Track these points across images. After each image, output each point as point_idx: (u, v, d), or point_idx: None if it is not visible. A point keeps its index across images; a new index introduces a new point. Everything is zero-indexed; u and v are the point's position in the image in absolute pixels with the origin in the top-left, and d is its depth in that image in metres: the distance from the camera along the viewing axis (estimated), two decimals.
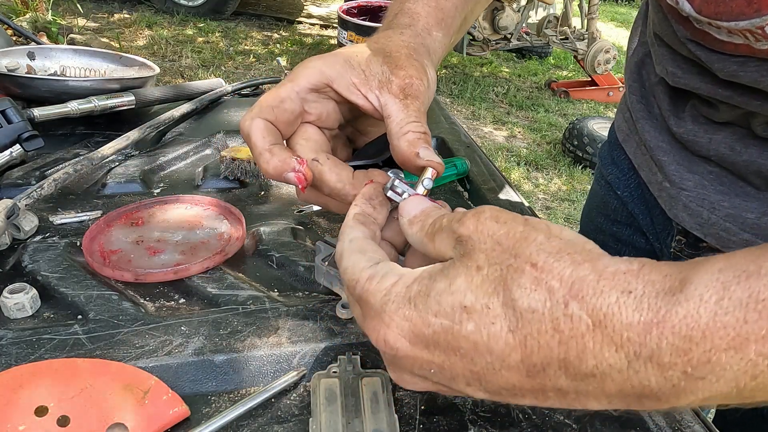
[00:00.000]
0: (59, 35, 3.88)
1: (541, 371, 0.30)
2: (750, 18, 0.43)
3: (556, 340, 0.29)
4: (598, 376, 0.28)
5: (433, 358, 0.32)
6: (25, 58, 0.99)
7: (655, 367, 0.27)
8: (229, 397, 0.45)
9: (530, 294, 0.29)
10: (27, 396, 0.42)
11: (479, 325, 0.30)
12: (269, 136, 0.45)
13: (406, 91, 0.46)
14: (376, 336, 0.34)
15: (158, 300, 0.54)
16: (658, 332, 0.26)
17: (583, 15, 4.21)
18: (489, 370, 0.31)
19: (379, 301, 0.34)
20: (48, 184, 0.66)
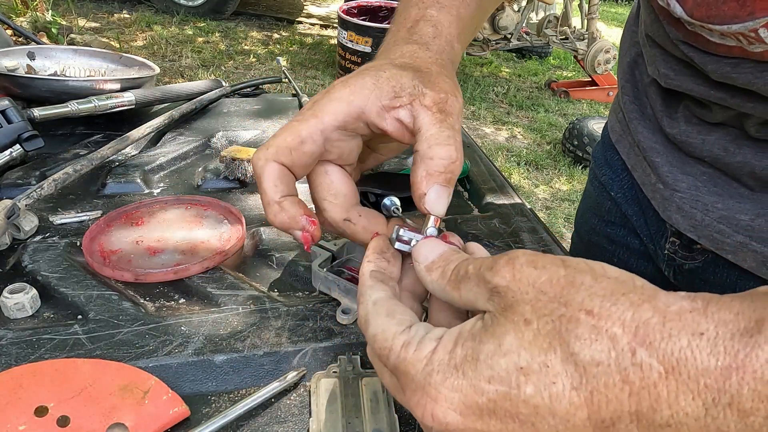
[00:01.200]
0: (59, 35, 3.89)
1: (610, 426, 0.27)
2: (743, 21, 0.42)
3: (626, 393, 0.26)
4: (674, 426, 0.26)
5: (489, 428, 0.30)
6: (25, 58, 0.99)
7: (735, 414, 0.25)
8: (229, 397, 0.45)
9: (591, 345, 0.27)
10: (27, 396, 0.42)
11: (539, 386, 0.28)
12: (281, 185, 0.41)
13: (440, 105, 0.41)
14: (422, 412, 0.31)
15: (158, 300, 0.54)
16: (738, 378, 0.25)
17: (583, 15, 4.21)
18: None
19: (421, 373, 0.31)
20: (48, 184, 0.66)
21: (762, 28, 0.42)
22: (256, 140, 0.88)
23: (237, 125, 0.93)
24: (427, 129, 0.40)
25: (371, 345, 0.35)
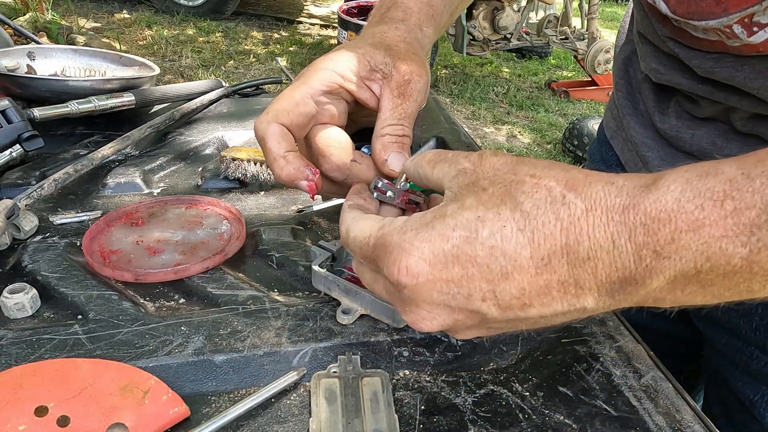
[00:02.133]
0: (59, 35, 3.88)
1: (547, 263, 0.33)
2: (719, 17, 0.46)
3: (558, 228, 0.33)
4: (592, 260, 0.32)
5: (452, 275, 0.35)
6: (25, 58, 0.99)
7: (632, 246, 0.31)
8: (229, 397, 0.45)
9: (533, 195, 0.34)
10: (27, 396, 0.42)
11: (492, 230, 0.34)
12: (284, 141, 0.47)
13: (401, 88, 0.48)
14: (396, 269, 0.36)
15: (158, 300, 0.54)
16: (634, 213, 0.31)
17: (583, 15, 4.21)
18: (502, 275, 0.33)
19: (397, 235, 0.36)
20: (48, 184, 0.66)
21: (735, 24, 0.45)
22: (256, 140, 0.88)
23: (237, 125, 0.93)
24: (383, 112, 0.48)
25: (354, 247, 0.40)
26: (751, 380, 0.61)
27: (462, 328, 0.38)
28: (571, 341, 0.52)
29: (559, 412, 0.45)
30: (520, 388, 0.47)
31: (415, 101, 0.49)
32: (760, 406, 0.60)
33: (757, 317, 0.59)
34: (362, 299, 0.52)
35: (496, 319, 0.36)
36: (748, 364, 0.61)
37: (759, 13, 0.44)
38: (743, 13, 0.44)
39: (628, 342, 0.53)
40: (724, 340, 0.64)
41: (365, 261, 0.40)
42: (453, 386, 0.47)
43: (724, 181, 0.30)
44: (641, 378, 0.49)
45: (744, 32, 0.45)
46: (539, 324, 0.37)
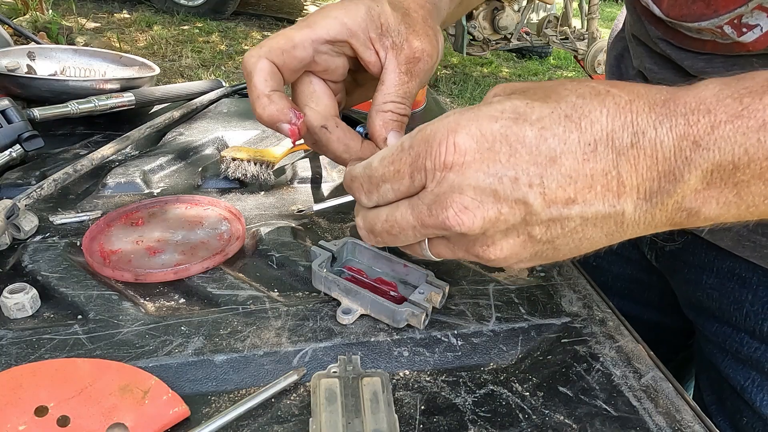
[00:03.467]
0: (59, 35, 3.88)
1: (594, 150, 0.33)
2: (710, 18, 0.47)
3: (604, 114, 0.33)
4: (635, 148, 0.33)
5: (500, 155, 0.34)
6: (25, 58, 0.99)
7: (673, 135, 0.32)
8: (229, 397, 0.45)
9: (577, 90, 0.34)
10: (27, 396, 0.42)
11: (541, 114, 0.34)
12: (271, 80, 0.44)
13: (410, 65, 0.46)
14: (444, 149, 0.34)
15: (158, 300, 0.54)
16: (674, 105, 0.33)
17: (583, 15, 4.21)
18: (550, 158, 0.33)
19: (437, 122, 0.35)
20: (48, 184, 0.66)
21: (726, 25, 0.47)
22: (256, 140, 0.88)
23: (237, 125, 0.93)
24: (387, 86, 0.45)
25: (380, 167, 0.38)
26: (742, 366, 0.62)
27: (502, 228, 0.35)
28: (571, 341, 0.52)
29: (559, 412, 0.45)
30: (520, 388, 0.47)
31: (420, 82, 0.47)
32: (751, 390, 0.61)
33: (747, 304, 0.59)
34: (362, 299, 0.52)
35: (540, 217, 0.34)
36: (739, 350, 0.62)
37: (747, 15, 0.45)
38: (732, 14, 0.46)
39: (628, 342, 0.53)
40: (714, 328, 0.64)
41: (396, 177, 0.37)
42: (453, 386, 0.47)
43: (761, 81, 0.32)
44: (641, 378, 0.49)
45: (734, 32, 0.47)
46: (577, 238, 0.36)
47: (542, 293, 0.58)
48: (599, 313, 0.56)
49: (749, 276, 0.59)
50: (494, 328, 0.53)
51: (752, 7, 0.45)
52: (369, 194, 0.39)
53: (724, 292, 0.61)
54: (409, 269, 0.55)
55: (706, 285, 0.63)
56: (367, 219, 0.40)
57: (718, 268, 0.62)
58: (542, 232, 0.35)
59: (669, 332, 0.77)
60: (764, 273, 0.58)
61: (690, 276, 0.65)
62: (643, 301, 0.78)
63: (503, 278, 0.60)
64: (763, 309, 0.58)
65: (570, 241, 0.36)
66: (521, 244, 0.36)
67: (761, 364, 0.60)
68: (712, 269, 0.62)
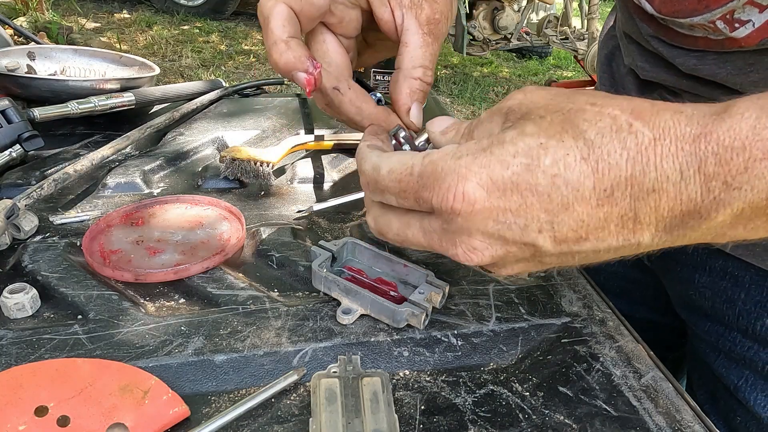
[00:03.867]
0: (59, 35, 3.88)
1: (610, 195, 0.32)
2: (702, 14, 0.47)
3: (624, 158, 0.31)
4: (657, 192, 0.31)
5: (510, 204, 0.33)
6: (25, 58, 0.99)
7: (702, 178, 0.30)
8: (229, 397, 0.45)
9: (596, 124, 0.32)
10: (27, 396, 0.42)
11: (555, 158, 0.32)
12: (289, 26, 0.42)
13: (431, 26, 0.44)
14: (452, 196, 0.34)
15: (158, 300, 0.54)
16: (705, 143, 0.30)
17: (583, 15, 4.21)
18: (563, 205, 0.32)
19: (451, 160, 0.34)
20: (48, 184, 0.66)
21: (718, 20, 0.46)
22: (256, 140, 0.88)
23: (237, 125, 0.93)
24: (414, 49, 0.44)
25: (388, 182, 0.37)
26: (734, 365, 0.62)
27: (511, 262, 0.36)
28: (571, 341, 0.52)
29: (559, 412, 0.45)
30: (520, 388, 0.47)
31: (440, 45, 0.45)
32: (744, 389, 0.61)
33: (740, 303, 0.60)
34: (362, 299, 0.52)
35: (549, 253, 0.34)
36: (731, 350, 0.62)
37: (739, 10, 0.45)
38: (724, 9, 0.46)
39: (628, 342, 0.53)
40: (706, 327, 0.64)
41: (402, 195, 0.37)
42: (453, 386, 0.47)
43: None
44: (641, 378, 0.49)
45: (726, 27, 0.47)
46: (589, 259, 0.36)
47: (542, 293, 0.58)
48: (599, 313, 0.56)
49: (742, 275, 0.59)
50: (494, 328, 0.53)
51: (743, 2, 0.45)
52: (374, 193, 0.39)
53: (716, 291, 0.62)
54: (409, 269, 0.55)
55: (698, 284, 0.63)
56: (379, 224, 0.40)
57: (710, 267, 0.62)
58: (553, 260, 0.36)
59: (662, 331, 0.77)
60: (757, 272, 0.58)
61: (683, 275, 0.66)
62: (637, 300, 0.78)
63: (503, 278, 0.60)
64: (755, 308, 0.58)
65: (582, 262, 0.36)
66: (533, 266, 0.37)
67: (754, 363, 0.60)
68: (704, 268, 0.63)
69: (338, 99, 0.44)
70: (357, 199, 0.69)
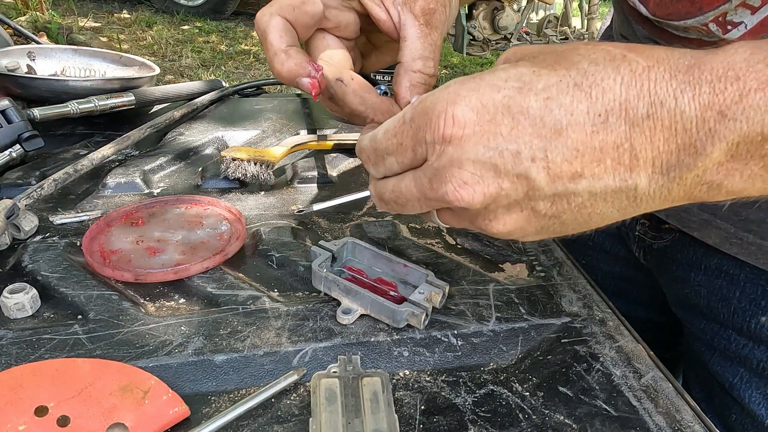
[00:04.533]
0: (59, 35, 3.88)
1: (604, 121, 0.31)
2: (695, 16, 0.47)
3: (618, 83, 0.31)
4: (651, 119, 0.30)
5: (501, 127, 0.32)
6: (25, 58, 0.99)
7: (696, 106, 0.30)
8: (229, 397, 0.45)
9: (590, 55, 0.32)
10: (27, 396, 0.42)
11: (548, 83, 0.32)
12: (287, 36, 0.43)
13: (427, 17, 0.44)
14: (442, 121, 0.33)
15: (158, 300, 0.54)
16: (699, 72, 0.30)
17: (583, 15, 4.21)
18: (556, 131, 0.31)
19: (439, 92, 0.33)
20: (48, 184, 0.66)
21: (711, 22, 0.47)
22: (256, 140, 0.88)
23: (237, 125, 0.93)
24: (412, 41, 0.44)
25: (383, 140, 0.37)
26: (730, 363, 0.62)
27: (503, 207, 0.34)
28: (571, 341, 0.52)
29: (559, 412, 0.45)
30: (520, 388, 0.47)
31: (441, 34, 0.45)
32: (740, 387, 0.61)
33: (735, 301, 0.60)
34: (362, 299, 0.52)
35: (544, 192, 0.33)
36: (726, 348, 0.62)
37: (731, 13, 0.45)
38: (717, 12, 0.46)
39: (628, 342, 0.53)
40: (701, 325, 0.65)
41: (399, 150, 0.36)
42: (453, 386, 0.47)
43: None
44: (641, 378, 0.49)
45: (719, 30, 0.47)
46: (586, 212, 0.34)
47: (542, 293, 0.58)
48: (599, 313, 0.56)
49: (737, 273, 0.59)
50: (494, 328, 0.53)
51: (736, 4, 0.45)
52: (376, 166, 0.39)
53: (712, 290, 0.62)
54: (409, 269, 0.55)
55: (694, 282, 0.64)
56: (377, 188, 0.40)
57: (706, 265, 0.62)
58: (547, 207, 0.34)
59: (658, 330, 0.77)
60: (752, 270, 0.58)
61: (678, 273, 0.66)
62: (632, 299, 0.78)
63: (503, 278, 0.60)
64: (750, 306, 0.59)
65: (578, 216, 0.34)
66: (525, 218, 0.35)
67: (749, 361, 0.60)
68: (700, 266, 0.63)
69: (341, 90, 0.44)
70: (357, 199, 0.69)
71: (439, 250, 0.63)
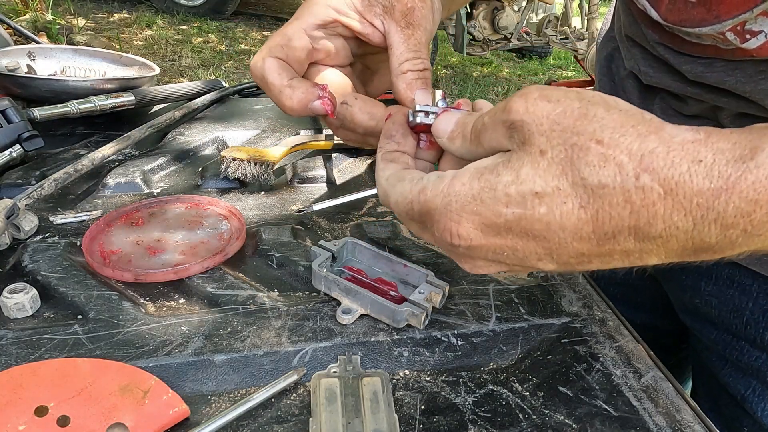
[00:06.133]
0: (59, 35, 3.88)
1: (611, 238, 0.31)
2: (711, 24, 0.45)
3: (627, 211, 0.30)
4: (665, 238, 0.30)
5: (506, 242, 0.33)
6: (25, 58, 0.99)
7: (719, 228, 0.29)
8: (229, 397, 0.45)
9: (599, 171, 0.30)
10: (27, 396, 0.42)
11: (551, 206, 0.31)
12: (285, 72, 0.44)
13: (407, 18, 0.45)
14: (448, 234, 0.34)
15: (158, 300, 0.54)
16: (726, 197, 0.28)
17: (583, 15, 4.21)
18: (561, 245, 0.32)
19: (441, 203, 0.34)
20: (48, 184, 0.66)
21: (728, 31, 0.45)
22: (256, 140, 0.88)
23: (237, 125, 0.93)
24: (396, 47, 0.45)
25: (397, 212, 0.39)
26: (741, 374, 0.61)
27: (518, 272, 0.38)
28: (571, 341, 0.52)
29: (559, 412, 0.45)
30: (520, 388, 0.47)
31: (425, 30, 0.45)
32: (752, 400, 0.60)
33: (747, 312, 0.59)
34: (362, 299, 0.52)
35: (553, 271, 0.36)
36: (738, 359, 0.61)
37: (751, 21, 0.44)
38: (735, 21, 0.44)
39: (628, 342, 0.52)
40: (713, 335, 0.64)
41: (405, 219, 0.39)
42: (453, 386, 0.47)
43: None
44: (641, 378, 0.49)
45: (737, 39, 0.45)
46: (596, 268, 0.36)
47: (542, 293, 0.58)
48: (599, 313, 0.56)
49: (749, 283, 0.58)
50: (494, 328, 0.53)
51: (757, 13, 0.43)
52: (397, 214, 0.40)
53: (723, 300, 0.61)
54: (409, 269, 0.55)
55: (704, 292, 0.63)
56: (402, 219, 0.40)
57: (717, 274, 0.61)
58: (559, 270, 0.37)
59: (661, 335, 0.76)
60: (765, 281, 0.57)
61: (687, 282, 0.65)
62: (635, 304, 0.77)
63: (503, 278, 0.60)
64: (763, 317, 0.58)
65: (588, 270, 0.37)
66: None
67: (762, 374, 0.59)
68: (710, 276, 0.62)
69: (349, 112, 0.45)
70: (357, 199, 0.69)
71: (440, 250, 0.63)
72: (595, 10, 4.06)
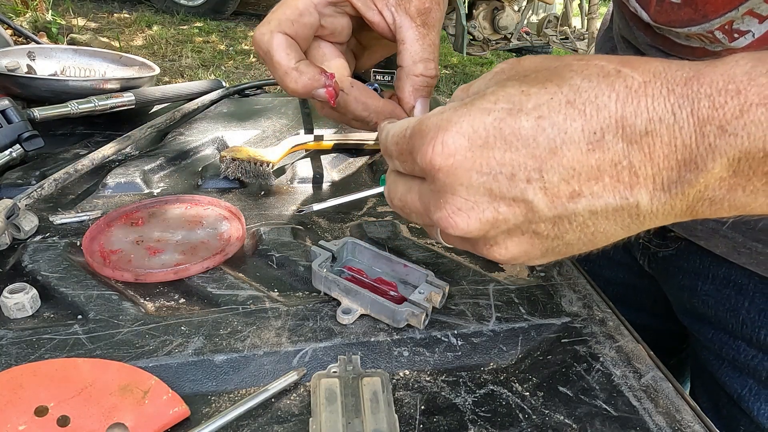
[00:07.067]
0: (59, 35, 3.89)
1: (600, 139, 0.30)
2: (699, 23, 0.46)
3: (613, 99, 0.30)
4: (649, 135, 0.30)
5: (493, 152, 0.31)
6: (25, 58, 0.99)
7: (695, 121, 0.29)
8: (229, 397, 0.45)
9: (582, 71, 0.31)
10: (27, 396, 0.42)
11: (539, 102, 0.31)
12: (293, 52, 0.43)
13: (423, 17, 0.44)
14: (431, 148, 0.32)
15: (158, 300, 0.54)
16: (698, 85, 0.29)
17: (583, 15, 4.21)
18: (550, 150, 0.31)
19: (435, 117, 0.33)
20: (48, 184, 0.66)
21: (717, 30, 0.45)
22: (256, 140, 0.88)
23: (237, 125, 0.93)
24: (411, 44, 0.44)
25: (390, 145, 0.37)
26: (738, 374, 0.61)
27: (504, 229, 0.33)
28: (571, 341, 0.52)
29: (559, 412, 0.45)
30: (520, 388, 0.47)
31: (438, 32, 0.45)
32: (749, 399, 0.60)
33: (743, 311, 0.59)
34: (362, 299, 0.52)
35: (543, 214, 0.32)
36: (735, 358, 0.61)
37: (738, 21, 0.44)
38: (723, 19, 0.44)
39: (628, 342, 0.53)
40: (710, 335, 0.64)
41: (401, 158, 0.36)
42: (453, 386, 0.47)
43: None
44: (641, 378, 0.49)
45: (725, 38, 0.45)
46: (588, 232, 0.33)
47: (542, 293, 0.58)
48: (599, 313, 0.56)
49: (745, 283, 0.58)
50: (494, 328, 0.53)
51: (743, 12, 0.43)
52: (388, 158, 0.39)
53: (720, 299, 0.61)
54: (409, 269, 0.55)
55: (701, 292, 0.63)
56: (389, 189, 0.39)
57: (713, 274, 0.61)
58: (549, 228, 0.33)
59: (661, 336, 0.76)
60: (761, 280, 0.57)
61: (685, 282, 0.65)
62: (635, 306, 0.77)
63: (503, 278, 0.60)
64: (760, 316, 0.58)
65: (582, 236, 0.33)
66: (528, 242, 0.34)
67: (758, 373, 0.59)
68: (707, 276, 0.62)
69: (343, 99, 0.45)
70: (357, 199, 0.69)
71: (439, 250, 0.63)
72: (595, 10, 4.06)
